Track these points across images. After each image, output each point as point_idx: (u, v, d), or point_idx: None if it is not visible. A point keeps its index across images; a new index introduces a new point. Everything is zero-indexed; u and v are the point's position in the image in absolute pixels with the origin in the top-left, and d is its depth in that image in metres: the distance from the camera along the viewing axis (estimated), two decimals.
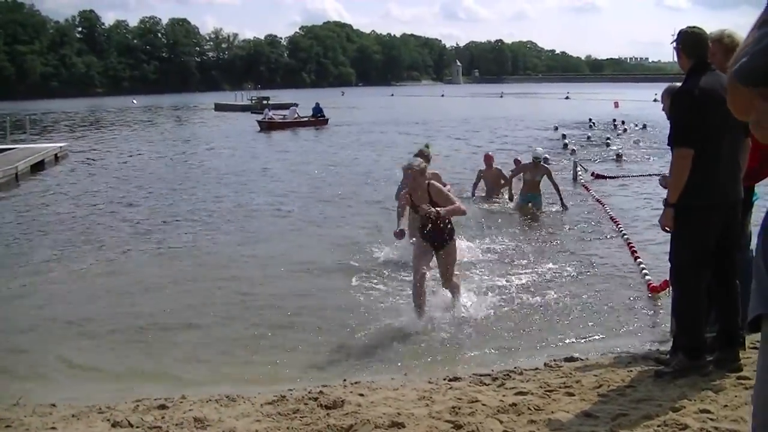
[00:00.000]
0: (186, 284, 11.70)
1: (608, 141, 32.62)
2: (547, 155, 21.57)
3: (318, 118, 54.11)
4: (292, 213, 18.48)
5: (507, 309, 9.84)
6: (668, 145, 6.23)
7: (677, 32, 6.48)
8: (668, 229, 6.41)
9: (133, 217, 18.07)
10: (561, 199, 17.29)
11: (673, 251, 6.44)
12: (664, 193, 6.54)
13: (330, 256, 13.21)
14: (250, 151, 36.99)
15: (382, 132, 47.65)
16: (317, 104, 56.14)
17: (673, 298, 6.94)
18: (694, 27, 6.38)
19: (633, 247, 12.87)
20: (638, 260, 11.94)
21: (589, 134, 37.37)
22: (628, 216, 16.33)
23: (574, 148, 30.68)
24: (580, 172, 22.69)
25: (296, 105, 62.13)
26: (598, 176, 23.01)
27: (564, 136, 34.90)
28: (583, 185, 21.20)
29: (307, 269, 12.40)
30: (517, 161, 19.10)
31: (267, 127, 50.32)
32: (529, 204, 17.18)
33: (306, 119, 54.24)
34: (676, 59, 6.62)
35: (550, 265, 12.14)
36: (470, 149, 33.19)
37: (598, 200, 18.22)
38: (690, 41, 6.30)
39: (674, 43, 6.43)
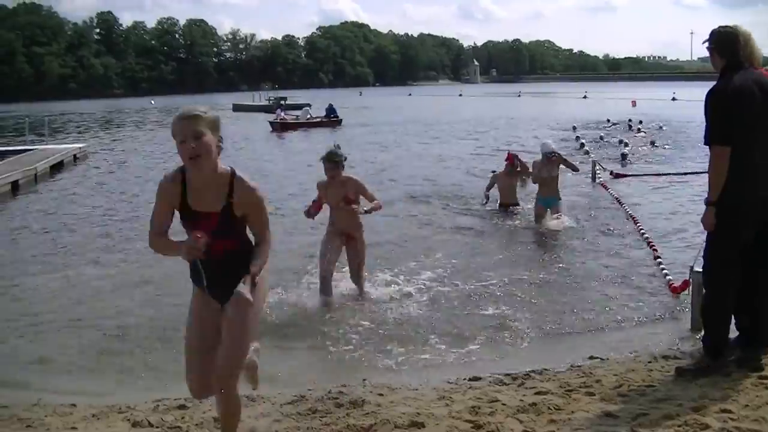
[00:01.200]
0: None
1: (621, 141, 32.26)
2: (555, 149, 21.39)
3: (331, 119, 54.04)
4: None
5: (526, 308, 9.82)
6: (705, 144, 6.22)
7: (710, 32, 6.48)
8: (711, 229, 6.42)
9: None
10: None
11: (707, 249, 6.44)
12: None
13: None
14: (258, 150, 37.20)
15: (394, 132, 47.65)
16: (330, 105, 56.11)
17: (703, 296, 6.95)
18: (726, 26, 6.43)
19: (654, 246, 12.80)
20: (658, 260, 11.88)
21: (602, 134, 36.92)
22: (648, 215, 16.25)
23: (587, 149, 30.59)
24: (598, 171, 22.59)
25: (309, 105, 62.21)
26: (618, 175, 22.90)
27: (578, 138, 34.73)
28: (602, 184, 21.13)
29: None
30: (510, 156, 17.49)
31: (279, 128, 50.23)
32: (548, 209, 15.81)
33: (319, 120, 54.11)
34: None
35: (569, 265, 12.12)
36: (483, 150, 33.19)
37: (617, 199, 18.11)
38: (722, 41, 6.32)
39: (707, 43, 6.44)
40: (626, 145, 31.00)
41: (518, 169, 17.24)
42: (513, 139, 38.10)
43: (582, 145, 30.91)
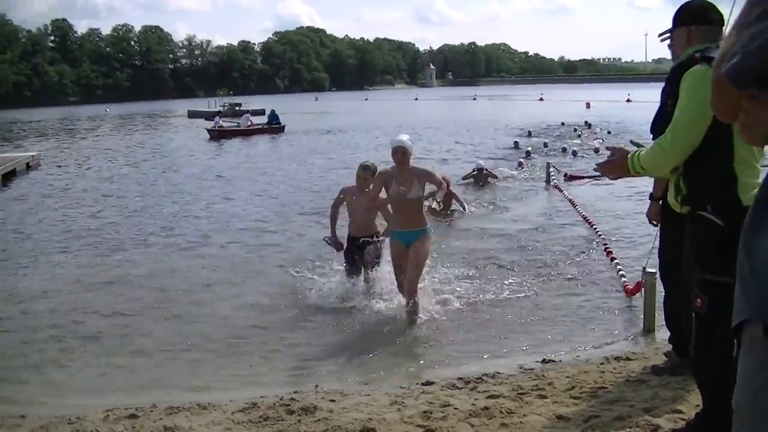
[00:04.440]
0: (154, 294, 11.57)
1: (564, 149, 32.10)
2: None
3: (272, 125, 52.88)
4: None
5: (478, 313, 9.81)
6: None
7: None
8: (655, 223, 6.44)
9: (99, 226, 17.86)
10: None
11: (660, 248, 6.46)
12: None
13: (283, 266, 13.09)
14: (186, 160, 36.29)
15: (339, 139, 47.19)
16: (273, 111, 55.20)
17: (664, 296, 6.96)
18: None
19: (609, 248, 12.84)
20: (614, 261, 11.91)
21: (546, 141, 36.38)
22: (603, 216, 16.32)
23: (528, 149, 30.91)
24: (552, 173, 22.73)
25: (248, 112, 60.78)
26: (572, 177, 23.04)
27: (516, 144, 34.80)
28: (556, 186, 21.26)
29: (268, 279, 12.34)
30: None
31: (217, 135, 48.94)
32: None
33: (260, 126, 52.94)
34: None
35: (523, 268, 12.14)
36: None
37: (570, 201, 18.23)
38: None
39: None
40: (579, 136, 31.21)
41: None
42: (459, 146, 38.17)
43: (527, 153, 30.38)
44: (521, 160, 27.59)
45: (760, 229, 1.78)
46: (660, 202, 6.33)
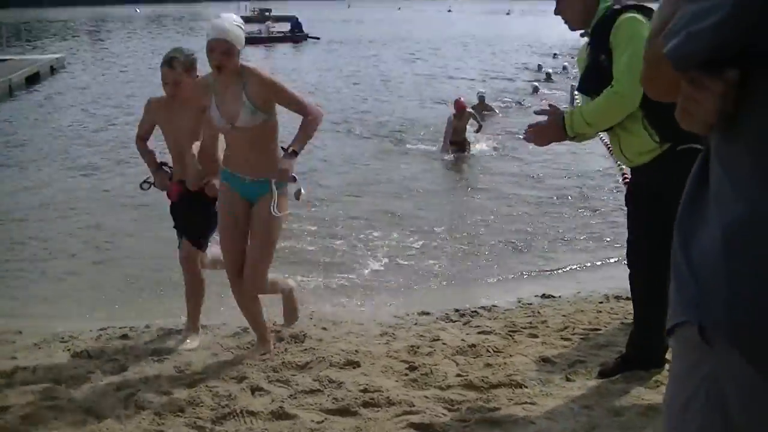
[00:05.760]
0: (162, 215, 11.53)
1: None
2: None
3: (296, 34, 52.20)
4: None
5: (489, 238, 9.80)
6: None
7: None
8: None
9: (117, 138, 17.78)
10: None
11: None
12: None
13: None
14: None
15: (352, 51, 45.69)
16: (296, 18, 54.64)
17: None
18: None
19: (626, 175, 12.63)
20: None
21: (566, 64, 34.59)
22: None
23: (548, 71, 29.87)
24: (577, 96, 22.35)
25: (270, 19, 60.27)
26: None
27: (540, 67, 33.21)
28: None
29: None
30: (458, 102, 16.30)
31: None
32: None
33: (282, 35, 52.21)
34: None
35: (541, 192, 12.11)
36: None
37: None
38: None
39: None
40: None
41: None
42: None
43: (548, 74, 29.62)
44: (536, 84, 26.64)
45: (700, 221, 1.66)
46: None
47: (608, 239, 9.87)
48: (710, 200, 1.64)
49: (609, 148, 14.84)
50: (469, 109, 16.36)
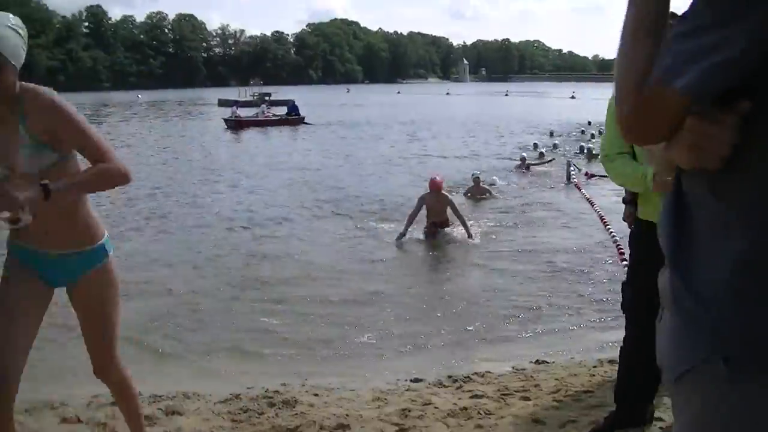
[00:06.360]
0: (163, 276, 11.58)
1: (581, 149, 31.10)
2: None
3: (292, 117, 52.00)
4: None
5: (478, 309, 9.78)
6: None
7: None
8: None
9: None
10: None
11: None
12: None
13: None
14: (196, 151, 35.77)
15: (359, 133, 45.51)
16: (292, 102, 54.57)
17: None
18: None
19: (621, 248, 12.69)
20: (624, 261, 11.76)
21: (556, 142, 34.57)
22: (618, 216, 16.13)
23: (542, 150, 29.26)
24: (573, 172, 22.61)
25: (266, 103, 60.38)
26: (592, 176, 22.86)
27: (536, 145, 32.41)
28: (576, 185, 21.11)
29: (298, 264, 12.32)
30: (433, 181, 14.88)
31: (235, 125, 48.23)
32: None
33: (278, 118, 52.10)
34: None
35: (533, 264, 12.08)
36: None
37: (588, 200, 18.10)
38: None
39: None
40: (592, 137, 30.87)
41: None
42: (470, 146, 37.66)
43: (541, 154, 29.36)
44: (525, 156, 26.28)
45: (692, 256, 1.67)
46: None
47: (603, 306, 9.85)
48: (703, 234, 1.65)
49: (603, 218, 15.07)
50: (444, 192, 15.01)
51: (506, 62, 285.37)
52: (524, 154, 26.28)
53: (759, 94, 1.51)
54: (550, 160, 26.04)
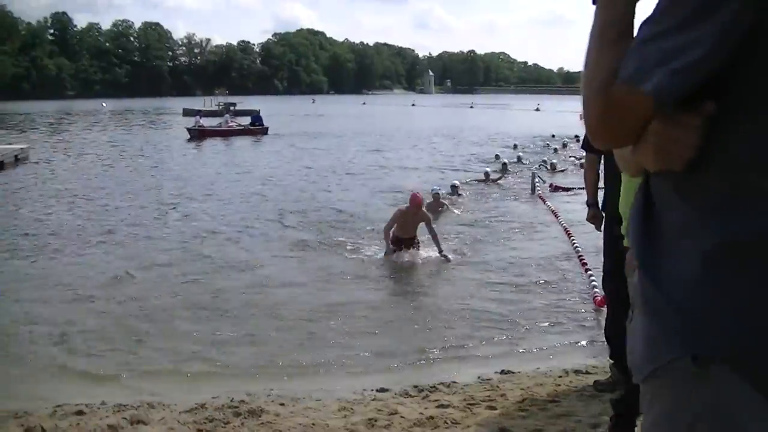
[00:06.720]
0: (125, 286, 11.51)
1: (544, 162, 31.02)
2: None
3: (255, 127, 51.83)
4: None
5: (442, 319, 9.79)
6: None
7: None
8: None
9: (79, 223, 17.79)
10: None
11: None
12: None
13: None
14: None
15: (322, 144, 45.17)
16: (257, 113, 54.91)
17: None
18: None
19: (584, 259, 12.76)
20: (588, 272, 11.82)
21: (520, 154, 34.06)
22: (583, 228, 16.21)
23: (505, 161, 29.48)
24: (537, 183, 22.74)
25: (230, 113, 59.88)
26: (557, 188, 22.98)
27: (497, 156, 32.95)
28: (540, 197, 21.23)
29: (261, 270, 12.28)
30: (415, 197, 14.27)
31: (198, 135, 47.49)
32: None
33: (242, 128, 51.72)
34: None
35: (499, 276, 12.10)
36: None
37: (553, 211, 18.20)
38: None
39: None
40: (555, 150, 32.05)
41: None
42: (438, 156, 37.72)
43: (504, 164, 28.87)
44: (489, 171, 26.32)
45: (659, 255, 1.68)
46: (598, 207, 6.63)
47: (568, 316, 9.90)
48: (670, 233, 1.67)
49: (567, 230, 15.15)
50: (424, 209, 14.51)
51: (472, 74, 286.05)
52: (488, 169, 26.31)
53: (721, 95, 1.52)
54: (500, 177, 25.79)
